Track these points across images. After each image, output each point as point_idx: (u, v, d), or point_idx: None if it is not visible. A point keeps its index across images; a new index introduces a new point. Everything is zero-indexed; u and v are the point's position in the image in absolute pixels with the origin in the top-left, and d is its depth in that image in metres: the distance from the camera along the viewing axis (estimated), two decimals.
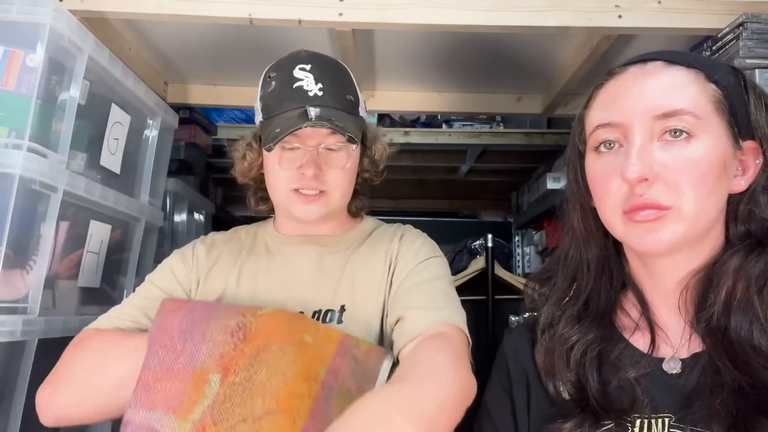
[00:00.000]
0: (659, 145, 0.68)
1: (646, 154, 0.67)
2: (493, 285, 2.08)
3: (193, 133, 2.22)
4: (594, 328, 0.74)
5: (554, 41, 1.50)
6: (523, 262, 2.90)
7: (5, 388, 1.06)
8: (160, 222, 1.63)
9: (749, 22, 1.08)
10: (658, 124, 0.68)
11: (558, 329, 0.76)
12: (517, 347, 0.82)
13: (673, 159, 0.67)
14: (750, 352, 0.64)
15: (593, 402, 0.69)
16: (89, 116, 1.25)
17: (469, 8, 1.24)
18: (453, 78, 1.79)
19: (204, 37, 1.52)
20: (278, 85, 1.01)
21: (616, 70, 0.74)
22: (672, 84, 0.69)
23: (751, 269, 0.67)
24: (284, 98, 1.00)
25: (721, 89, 0.69)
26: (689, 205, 0.66)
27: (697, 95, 0.68)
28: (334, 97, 1.00)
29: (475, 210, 3.62)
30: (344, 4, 1.24)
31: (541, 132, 2.58)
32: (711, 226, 0.70)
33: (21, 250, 1.08)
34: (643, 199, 0.67)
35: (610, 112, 0.71)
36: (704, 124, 0.67)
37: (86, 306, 1.31)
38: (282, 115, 0.99)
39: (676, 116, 0.67)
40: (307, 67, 1.01)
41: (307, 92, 0.99)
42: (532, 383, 0.78)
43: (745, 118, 0.70)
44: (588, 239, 0.78)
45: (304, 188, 0.99)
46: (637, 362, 0.72)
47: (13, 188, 1.02)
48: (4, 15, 1.07)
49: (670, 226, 0.67)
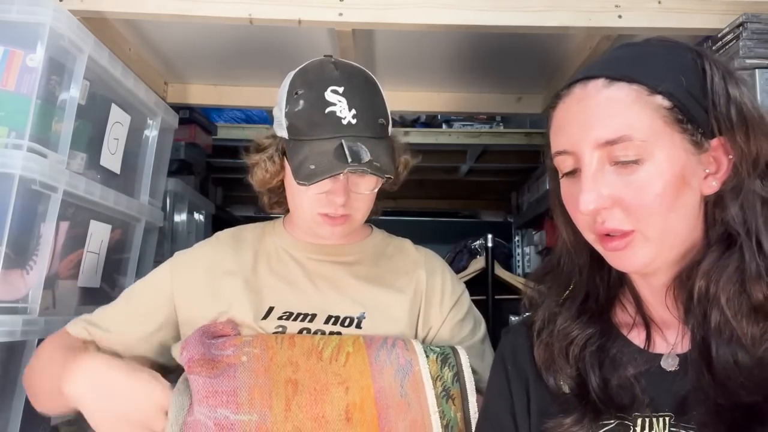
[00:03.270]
0: (612, 170, 0.67)
1: (598, 182, 0.67)
2: (493, 285, 2.08)
3: (193, 133, 2.22)
4: (593, 323, 0.75)
5: (554, 41, 1.50)
6: (523, 262, 2.90)
7: (5, 388, 1.06)
8: (160, 222, 1.63)
9: (749, 22, 1.08)
10: (605, 151, 0.67)
11: (557, 325, 0.76)
12: (515, 347, 0.82)
13: (626, 184, 0.66)
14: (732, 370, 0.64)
15: (594, 396, 0.70)
16: (89, 116, 1.25)
17: (469, 8, 1.24)
18: (453, 78, 1.79)
19: (204, 37, 1.52)
20: (308, 105, 0.97)
21: (562, 92, 0.73)
22: (611, 108, 0.67)
23: (721, 271, 0.66)
24: (315, 123, 0.96)
25: (668, 98, 0.66)
26: (651, 228, 0.66)
27: (640, 115, 0.66)
28: (368, 125, 0.98)
29: (475, 210, 3.62)
30: (344, 4, 1.24)
31: (541, 132, 2.57)
32: (685, 236, 0.69)
33: (21, 250, 1.08)
34: (605, 227, 0.67)
35: (561, 140, 0.71)
36: (651, 144, 0.65)
37: (86, 306, 1.31)
38: (314, 143, 0.95)
39: (619, 143, 0.65)
40: (339, 90, 0.97)
41: (340, 119, 0.95)
42: (531, 382, 0.78)
43: (705, 116, 0.67)
44: (577, 247, 0.78)
45: (331, 214, 0.98)
46: (635, 359, 0.71)
47: (13, 188, 1.02)
48: (4, 15, 1.07)
49: (639, 249, 0.67)
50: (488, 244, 2.10)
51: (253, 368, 0.84)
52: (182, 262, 1.08)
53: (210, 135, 2.39)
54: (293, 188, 1.01)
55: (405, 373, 0.84)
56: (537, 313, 0.79)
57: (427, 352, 0.88)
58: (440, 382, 0.85)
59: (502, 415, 0.79)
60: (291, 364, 0.85)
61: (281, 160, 1.04)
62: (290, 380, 0.83)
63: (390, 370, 0.85)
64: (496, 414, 0.80)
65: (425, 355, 0.87)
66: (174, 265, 1.08)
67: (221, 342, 0.88)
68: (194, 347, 0.85)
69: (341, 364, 0.85)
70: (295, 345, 0.88)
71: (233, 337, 0.90)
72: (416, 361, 0.86)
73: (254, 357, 0.85)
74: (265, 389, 0.82)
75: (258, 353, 0.86)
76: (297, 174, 0.95)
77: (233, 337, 0.90)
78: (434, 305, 1.06)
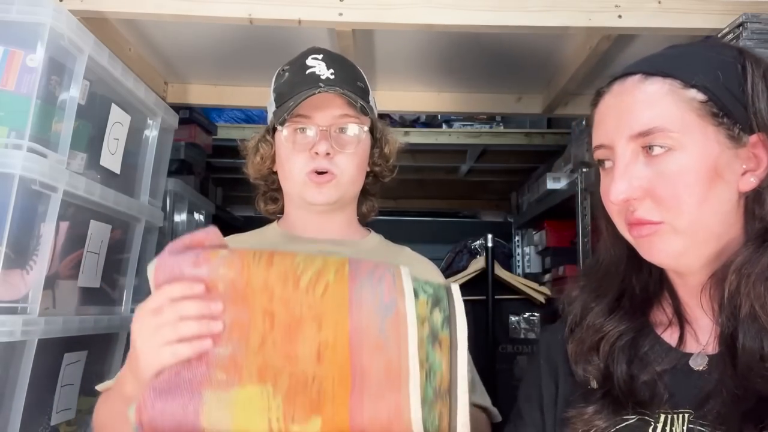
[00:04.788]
0: (644, 161, 0.68)
1: (630, 173, 0.68)
2: (493, 285, 2.08)
3: (193, 133, 2.22)
4: (626, 320, 0.75)
5: (554, 41, 1.50)
6: (523, 262, 2.90)
7: (5, 388, 1.06)
8: (160, 222, 1.63)
9: (749, 22, 1.08)
10: (638, 142, 0.68)
11: (589, 319, 0.77)
12: (550, 343, 0.84)
13: (657, 174, 0.67)
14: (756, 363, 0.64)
15: (617, 390, 0.70)
16: (89, 116, 1.25)
17: (469, 8, 1.24)
18: (453, 78, 1.79)
19: (204, 37, 1.52)
20: (291, 74, 1.04)
21: (603, 89, 0.75)
22: (645, 101, 0.69)
23: (753, 266, 0.66)
24: (297, 83, 1.02)
25: (703, 91, 0.67)
26: (680, 219, 0.67)
27: (672, 107, 0.67)
28: (346, 81, 1.02)
29: (475, 210, 3.62)
30: (344, 4, 1.24)
31: (541, 132, 2.58)
32: (719, 231, 0.69)
33: (21, 250, 1.08)
34: (636, 216, 0.69)
35: (599, 133, 0.73)
36: (683, 135, 0.67)
37: (86, 306, 1.32)
38: (296, 96, 1.00)
39: (651, 135, 0.67)
40: (319, 56, 1.04)
41: (319, 76, 1.01)
42: (560, 374, 0.79)
43: (743, 111, 0.68)
44: (615, 242, 0.79)
45: (317, 168, 1.00)
46: (664, 356, 0.72)
47: (13, 188, 1.02)
48: (4, 15, 1.07)
49: (668, 240, 0.68)
50: (488, 244, 2.10)
51: (231, 298, 0.79)
52: None
53: (210, 135, 2.39)
54: (282, 156, 1.04)
55: (387, 311, 0.78)
56: (572, 307, 0.80)
57: (417, 292, 0.80)
58: (428, 325, 0.78)
59: (532, 409, 0.81)
60: (266, 290, 0.79)
61: (272, 137, 1.06)
62: (267, 311, 0.78)
63: (371, 307, 0.78)
64: (526, 408, 0.82)
65: (414, 296, 0.79)
66: None
67: (194, 257, 0.81)
68: (164, 265, 0.80)
69: (318, 294, 0.79)
70: (273, 264, 0.82)
71: (208, 251, 0.83)
72: (402, 301, 0.78)
73: (230, 283, 0.79)
74: (244, 324, 0.78)
75: (233, 277, 0.80)
76: (277, 120, 1.00)
77: (208, 251, 0.83)
78: None
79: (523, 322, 2.21)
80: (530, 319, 2.21)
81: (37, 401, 1.16)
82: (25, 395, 1.07)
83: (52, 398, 1.22)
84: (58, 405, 1.24)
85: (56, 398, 1.23)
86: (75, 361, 1.28)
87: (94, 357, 1.35)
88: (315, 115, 1.00)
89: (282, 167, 1.05)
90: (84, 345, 1.31)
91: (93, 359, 1.34)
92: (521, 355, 2.20)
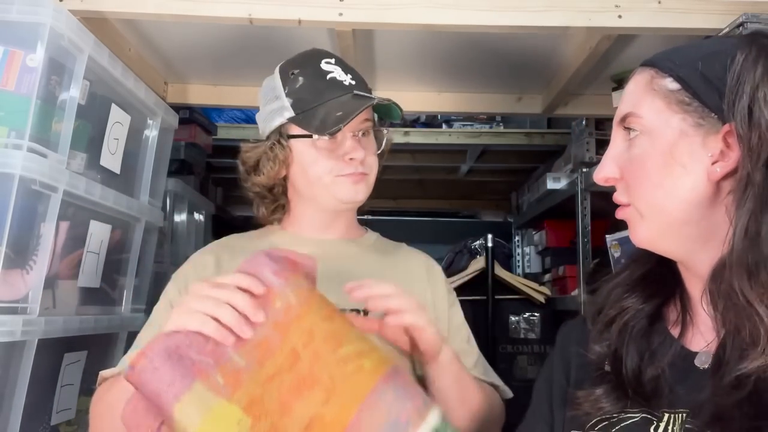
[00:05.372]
0: (624, 146, 0.73)
1: (611, 155, 0.73)
2: (493, 285, 2.08)
3: (193, 133, 2.23)
4: (642, 300, 0.77)
5: (554, 41, 1.50)
6: (523, 262, 2.90)
7: (5, 388, 1.06)
8: (160, 222, 1.63)
9: (749, 22, 1.08)
10: (621, 127, 0.73)
11: (613, 295, 0.78)
12: (565, 337, 0.85)
13: (627, 158, 0.72)
14: None
15: (625, 379, 0.71)
16: (89, 116, 1.25)
17: (469, 8, 1.24)
18: (453, 78, 1.79)
19: (204, 37, 1.52)
20: (308, 79, 1.03)
21: None
22: (631, 89, 0.74)
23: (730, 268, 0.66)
24: (322, 89, 1.02)
25: (677, 80, 0.70)
26: (640, 203, 0.71)
27: (644, 95, 0.71)
28: (362, 85, 1.05)
29: (475, 210, 3.62)
30: (344, 4, 1.24)
31: (541, 132, 2.58)
32: (687, 218, 0.68)
33: (21, 250, 1.08)
34: (614, 197, 0.74)
35: None
36: (649, 121, 0.70)
37: (86, 306, 1.32)
38: (327, 103, 1.00)
39: (627, 119, 0.72)
40: (331, 60, 1.05)
41: (341, 82, 1.03)
42: (573, 369, 0.80)
43: (718, 101, 0.67)
44: None
45: (355, 173, 1.02)
46: (671, 354, 0.72)
47: (13, 188, 1.02)
48: (4, 15, 1.07)
49: (636, 223, 0.72)
50: (488, 244, 2.11)
51: (277, 319, 0.79)
52: (185, 274, 1.05)
53: (210, 135, 2.40)
54: (308, 160, 1.02)
55: (397, 428, 0.72)
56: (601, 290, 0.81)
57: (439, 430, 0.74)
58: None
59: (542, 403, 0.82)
60: (308, 335, 0.78)
61: (288, 143, 1.04)
62: (295, 353, 0.77)
63: (383, 414, 0.73)
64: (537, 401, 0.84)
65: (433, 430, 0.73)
66: (177, 280, 1.05)
67: (279, 267, 0.82)
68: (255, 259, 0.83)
69: (346, 371, 0.76)
70: (330, 320, 0.81)
71: (294, 272, 0.84)
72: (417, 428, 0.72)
73: (286, 307, 0.79)
74: (270, 349, 0.77)
75: (292, 304, 0.79)
76: (324, 127, 0.99)
77: (294, 272, 0.84)
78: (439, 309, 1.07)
79: (523, 322, 2.21)
80: (530, 319, 2.22)
81: (37, 401, 1.16)
82: (25, 395, 1.07)
83: (52, 398, 1.22)
84: (58, 405, 1.24)
85: (56, 398, 1.23)
86: (75, 361, 1.28)
87: (94, 357, 1.35)
88: None
89: (306, 172, 1.03)
90: (84, 345, 1.31)
91: (93, 359, 1.34)
92: (521, 355, 2.20)
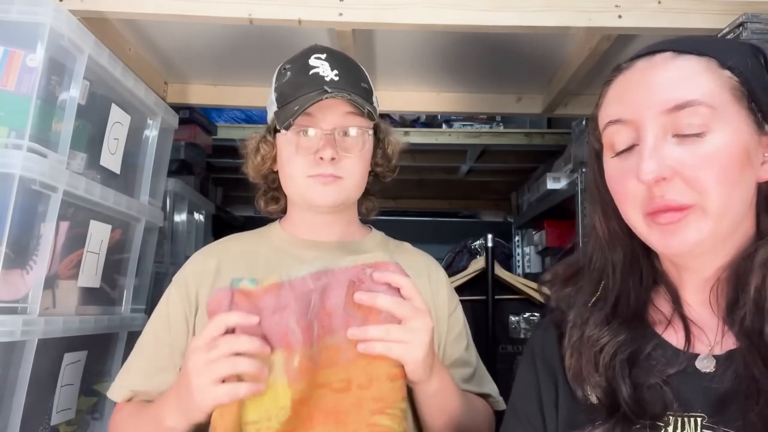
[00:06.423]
0: (674, 141, 0.64)
1: (660, 151, 0.64)
2: (493, 285, 2.08)
3: (193, 133, 2.23)
4: (624, 329, 0.71)
5: (554, 41, 1.50)
6: (523, 262, 2.90)
7: (5, 388, 1.06)
8: (160, 222, 1.63)
9: (749, 22, 1.08)
10: (670, 119, 0.64)
11: (586, 331, 0.73)
12: (545, 343, 0.80)
13: (690, 154, 0.63)
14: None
15: (625, 408, 0.67)
16: (89, 116, 1.25)
17: (469, 8, 1.24)
18: (453, 78, 1.79)
19: (204, 37, 1.52)
20: (293, 74, 1.02)
21: (624, 65, 0.71)
22: (681, 75, 0.65)
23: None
24: (300, 84, 1.00)
25: (737, 74, 0.65)
26: (713, 202, 0.63)
27: (710, 84, 0.65)
28: (349, 83, 1.01)
29: (475, 210, 3.62)
30: (344, 4, 1.24)
31: (541, 132, 2.58)
32: (739, 220, 0.67)
33: (21, 250, 1.08)
34: (664, 201, 0.64)
35: (620, 107, 0.69)
36: (720, 114, 0.64)
37: (86, 306, 1.32)
38: (299, 98, 0.98)
39: (689, 107, 0.63)
40: (322, 56, 1.02)
41: (323, 77, 0.99)
42: (560, 381, 0.75)
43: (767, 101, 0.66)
44: (612, 242, 0.75)
45: (322, 173, 0.98)
46: (670, 359, 0.69)
47: (13, 188, 1.02)
48: (4, 15, 1.07)
49: (694, 224, 0.64)
50: (488, 244, 2.10)
51: None
52: (185, 278, 1.04)
53: (210, 135, 2.40)
54: (284, 158, 1.02)
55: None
56: (565, 315, 0.76)
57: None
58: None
59: (531, 412, 0.77)
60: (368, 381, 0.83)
61: (273, 137, 1.04)
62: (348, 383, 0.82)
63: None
64: (526, 413, 0.78)
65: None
66: (178, 284, 1.03)
67: None
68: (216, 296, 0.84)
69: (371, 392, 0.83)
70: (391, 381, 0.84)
71: None
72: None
73: None
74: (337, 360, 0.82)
75: None
76: (281, 123, 0.98)
77: None
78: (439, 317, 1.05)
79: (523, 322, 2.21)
80: (530, 319, 2.21)
81: (37, 401, 1.16)
82: (25, 395, 1.07)
83: (52, 398, 1.22)
84: (58, 405, 1.24)
85: (56, 398, 1.23)
86: (75, 361, 1.28)
87: (94, 357, 1.35)
88: (319, 117, 0.99)
89: (283, 169, 1.04)
90: (84, 345, 1.31)
91: (93, 359, 1.34)
92: (521, 355, 2.20)
